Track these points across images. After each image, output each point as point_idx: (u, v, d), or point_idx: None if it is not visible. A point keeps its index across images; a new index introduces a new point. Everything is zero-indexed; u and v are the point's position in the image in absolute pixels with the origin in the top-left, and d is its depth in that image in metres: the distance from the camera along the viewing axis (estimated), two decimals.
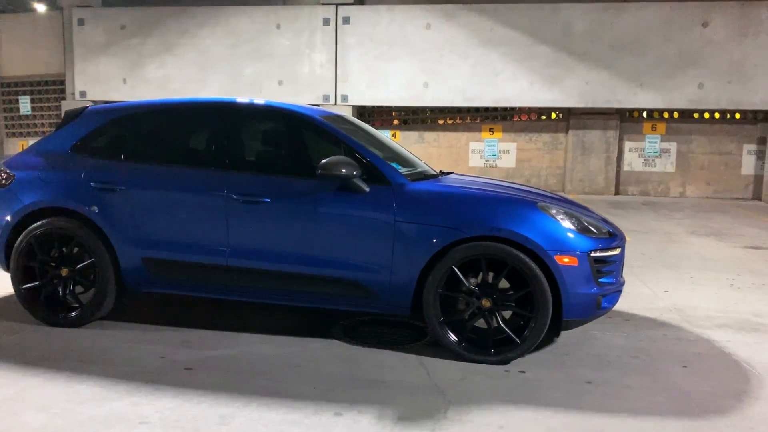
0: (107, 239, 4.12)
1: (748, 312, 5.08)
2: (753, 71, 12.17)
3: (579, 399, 3.27)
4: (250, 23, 13.48)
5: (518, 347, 3.70)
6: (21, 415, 2.91)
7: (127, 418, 2.90)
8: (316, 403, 3.11)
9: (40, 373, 3.41)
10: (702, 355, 4.04)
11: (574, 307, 3.67)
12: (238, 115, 4.26)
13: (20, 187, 4.27)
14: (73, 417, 2.90)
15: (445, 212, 3.76)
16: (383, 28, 13.09)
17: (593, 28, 12.54)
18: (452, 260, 3.71)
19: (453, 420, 2.97)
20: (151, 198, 4.10)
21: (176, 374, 3.46)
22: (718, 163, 13.46)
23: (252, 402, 3.11)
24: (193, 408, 3.03)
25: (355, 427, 2.87)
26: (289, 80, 13.50)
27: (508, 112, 13.86)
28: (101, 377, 3.37)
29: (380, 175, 3.89)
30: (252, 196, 3.94)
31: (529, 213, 3.74)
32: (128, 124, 4.33)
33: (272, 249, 3.95)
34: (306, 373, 3.54)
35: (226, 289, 4.07)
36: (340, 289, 3.91)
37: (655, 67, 12.43)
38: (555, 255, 3.61)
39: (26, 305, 4.26)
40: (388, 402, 3.15)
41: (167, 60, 13.87)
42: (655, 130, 13.59)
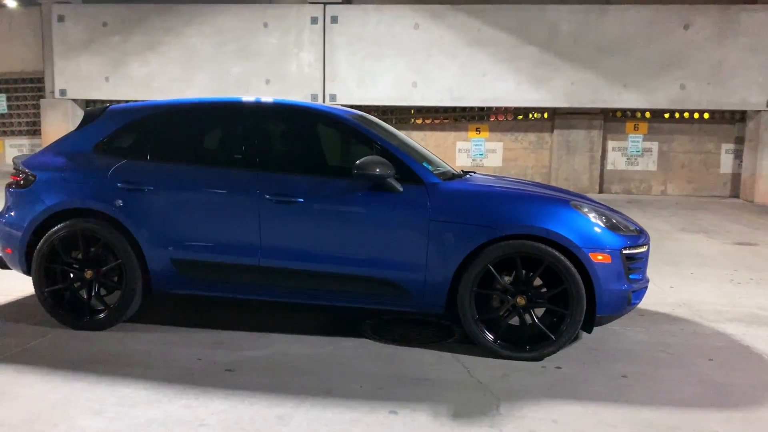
0: (134, 240, 4.06)
1: (753, 306, 5.25)
2: (732, 73, 12.53)
3: (620, 393, 3.36)
4: (237, 21, 13.36)
5: (553, 343, 3.77)
6: (76, 419, 2.86)
7: (185, 420, 2.88)
8: (368, 402, 3.13)
9: (81, 376, 3.35)
10: (722, 348, 4.17)
11: (607, 303, 3.76)
12: (269, 115, 4.24)
13: (42, 187, 4.18)
14: (129, 420, 2.86)
15: (479, 211, 3.81)
16: (372, 27, 13.10)
17: (579, 29, 12.76)
18: (487, 258, 3.76)
19: (507, 416, 3.02)
20: (181, 198, 4.06)
21: (219, 376, 3.44)
22: (698, 162, 13.83)
23: (304, 402, 3.11)
24: (246, 409, 3.02)
25: (414, 425, 2.90)
26: (277, 79, 13.42)
27: (485, 112, 13.99)
28: (145, 380, 3.33)
29: (413, 174, 3.92)
30: (285, 196, 3.93)
31: (563, 211, 3.81)
32: (154, 123, 4.27)
33: (306, 249, 3.95)
34: (348, 371, 3.55)
35: (259, 289, 4.06)
36: (375, 288, 3.93)
37: (639, 68, 12.70)
38: (589, 252, 3.69)
39: (49, 309, 4.18)
40: (438, 399, 3.19)
41: (151, 58, 13.66)
42: (638, 130, 13.89)
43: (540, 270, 3.76)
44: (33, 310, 4.58)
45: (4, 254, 4.38)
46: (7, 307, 4.68)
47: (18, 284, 5.20)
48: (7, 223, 4.30)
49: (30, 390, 3.17)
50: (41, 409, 2.95)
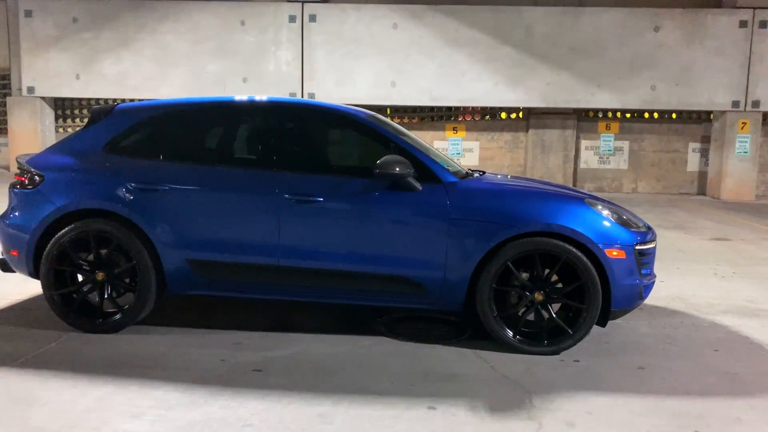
0: (148, 241, 4.01)
1: (741, 299, 5.48)
2: (700, 74, 12.97)
3: (641, 384, 3.48)
4: (214, 19, 13.18)
5: (570, 338, 3.88)
6: (116, 423, 2.82)
7: (228, 421, 2.87)
8: (404, 399, 3.17)
9: (108, 380, 3.30)
10: (724, 339, 4.35)
11: (621, 297, 3.88)
12: (286, 114, 4.23)
13: (51, 188, 4.08)
14: (171, 423, 2.84)
15: (498, 209, 3.88)
16: (350, 26, 13.10)
17: (554, 31, 13.01)
18: (507, 256, 3.84)
19: (541, 408, 3.10)
20: (197, 198, 4.02)
21: (248, 376, 3.43)
22: (667, 161, 14.27)
23: (342, 400, 3.13)
24: (285, 409, 3.02)
25: (454, 420, 2.95)
26: (254, 78, 13.29)
27: (453, 112, 14.13)
28: (174, 382, 3.30)
29: (431, 173, 3.98)
30: (305, 196, 3.94)
31: (579, 209, 3.92)
32: (167, 122, 4.21)
33: (326, 248, 3.96)
34: (374, 369, 3.58)
35: (278, 288, 4.05)
36: (394, 286, 3.97)
37: (612, 69, 13.04)
38: (605, 249, 3.81)
39: (60, 312, 4.08)
40: (471, 394, 3.25)
41: (124, 55, 13.36)
42: (610, 130, 14.25)
43: (558, 266, 3.85)
44: (36, 313, 4.47)
45: (8, 257, 4.26)
46: (7, 311, 4.54)
47: (13, 287, 5.07)
48: (12, 225, 4.18)
49: (58, 395, 3.11)
50: (77, 414, 2.90)
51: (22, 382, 3.25)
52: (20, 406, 2.96)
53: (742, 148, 13.19)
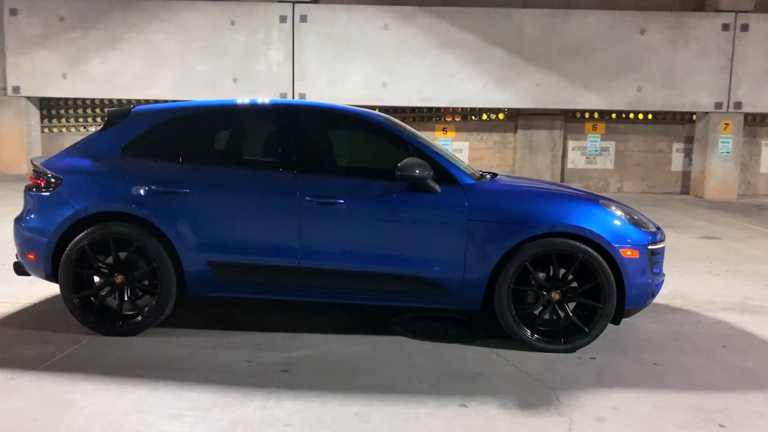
0: (169, 243, 4.02)
1: (739, 296, 5.65)
2: (684, 76, 13.25)
3: (659, 379, 3.59)
4: (203, 19, 13.11)
5: (586, 336, 3.98)
6: (159, 425, 2.85)
7: (267, 421, 2.91)
8: (435, 397, 3.24)
9: (139, 382, 3.32)
10: (729, 335, 4.50)
11: (635, 296, 4.00)
12: (306, 117, 4.27)
13: (70, 191, 4.07)
14: (212, 424, 2.87)
15: (516, 210, 3.97)
16: (341, 27, 13.13)
17: (543, 33, 13.18)
18: (525, 256, 3.93)
19: (569, 405, 3.19)
20: (218, 201, 4.04)
21: (276, 377, 3.47)
22: (651, 161, 14.55)
23: (374, 399, 3.19)
24: (321, 408, 3.08)
25: (488, 417, 3.03)
26: (245, 78, 13.25)
27: (434, 113, 14.25)
28: (205, 384, 3.33)
29: (449, 175, 4.06)
30: (326, 198, 3.99)
31: (594, 210, 4.03)
32: (186, 125, 4.23)
33: (347, 249, 4.01)
34: (400, 368, 3.65)
35: (298, 290, 4.09)
36: (414, 286, 4.04)
37: (599, 70, 13.25)
38: (620, 248, 3.92)
39: (79, 315, 4.08)
40: (498, 392, 3.33)
41: (112, 55, 13.22)
42: (596, 130, 14.48)
43: (575, 266, 3.95)
44: (51, 316, 4.45)
45: (24, 260, 4.24)
46: (21, 314, 4.51)
47: (20, 289, 5.04)
48: (28, 228, 4.16)
49: (93, 398, 3.12)
50: (117, 417, 2.91)
51: (54, 386, 3.25)
52: (58, 410, 2.97)
53: (725, 148, 13.50)
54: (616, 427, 2.96)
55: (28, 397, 3.11)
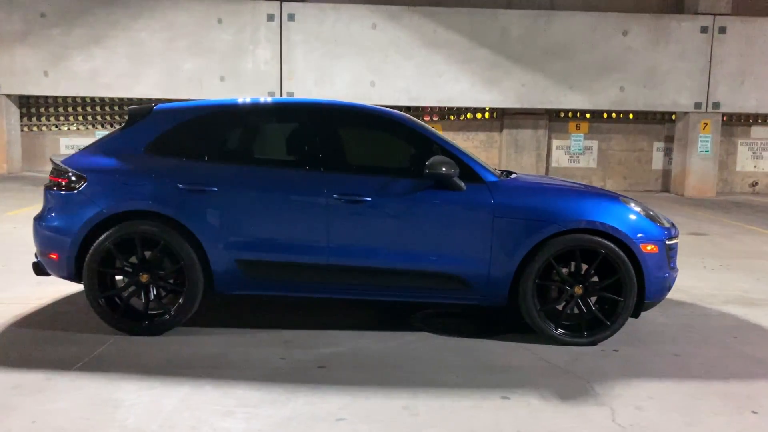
0: (196, 242, 4.01)
1: (736, 289, 5.85)
2: (664, 77, 13.58)
3: (683, 369, 3.73)
4: (189, 17, 12.98)
5: (608, 329, 4.10)
6: (214, 422, 2.86)
7: (319, 416, 2.95)
8: (475, 390, 3.32)
9: (181, 381, 3.31)
10: (737, 327, 4.66)
11: (654, 290, 4.13)
12: (332, 116, 4.29)
13: (95, 190, 4.03)
14: (266, 420, 2.89)
15: (541, 207, 4.07)
16: (329, 26, 13.14)
17: (528, 33, 13.38)
18: (550, 252, 4.03)
19: (605, 395, 3.30)
20: (246, 199, 4.05)
21: (315, 373, 3.50)
22: (633, 159, 14.89)
23: (417, 393, 3.25)
24: (367, 402, 3.12)
25: (532, 408, 3.11)
26: (232, 76, 13.16)
27: (412, 112, 14.36)
28: (246, 381, 3.34)
29: (474, 173, 4.13)
30: (353, 196, 4.02)
31: (615, 206, 4.14)
32: (211, 123, 4.22)
33: (374, 246, 4.06)
34: (433, 363, 3.71)
35: (326, 287, 4.12)
36: (440, 283, 4.11)
37: (583, 71, 13.50)
38: (640, 244, 4.04)
39: (105, 315, 4.04)
40: (534, 384, 3.42)
41: (96, 52, 13.00)
42: (579, 130, 14.76)
43: (597, 261, 4.06)
44: (69, 317, 4.40)
45: (45, 260, 4.18)
46: (37, 314, 4.45)
47: (30, 290, 4.99)
48: (50, 228, 4.11)
49: (138, 396, 3.11)
50: (168, 414, 2.92)
51: (94, 385, 3.23)
52: (106, 409, 2.96)
53: (704, 147, 13.88)
54: (655, 415, 3.07)
55: (71, 397, 3.08)
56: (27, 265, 5.76)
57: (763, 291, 5.80)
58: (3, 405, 2.96)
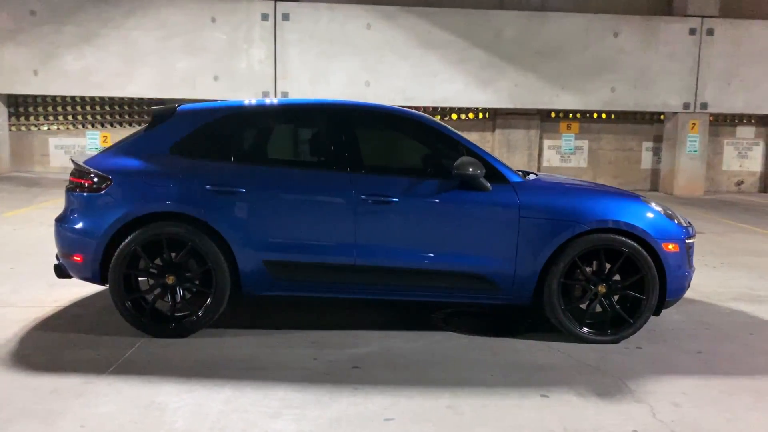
0: (224, 243, 4.00)
1: (741, 287, 5.97)
2: (654, 78, 13.78)
3: (710, 366, 3.81)
4: (183, 15, 12.85)
5: (631, 327, 4.17)
6: (264, 423, 2.86)
7: (366, 416, 2.97)
8: (512, 388, 3.36)
9: (220, 383, 3.31)
10: (751, 324, 4.77)
11: (675, 288, 4.21)
12: (360, 117, 4.31)
13: (121, 191, 4.00)
14: (315, 421, 2.91)
15: (566, 208, 4.12)
16: (324, 25, 13.11)
17: (521, 34, 13.48)
18: (575, 251, 4.09)
19: (640, 391, 3.36)
20: (275, 200, 4.04)
21: (351, 373, 3.52)
22: (622, 159, 15.08)
23: (458, 392, 3.28)
24: (411, 402, 3.15)
25: (573, 406, 3.17)
26: (226, 76, 13.07)
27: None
28: (286, 382, 3.35)
29: (499, 173, 4.17)
30: (381, 196, 4.04)
31: (638, 206, 4.22)
32: (237, 125, 4.21)
33: (401, 246, 4.08)
34: (465, 362, 3.75)
35: (353, 287, 4.14)
36: (467, 282, 4.15)
37: (575, 71, 13.64)
38: (662, 243, 4.12)
39: (131, 318, 4.01)
40: (569, 382, 3.47)
41: (87, 51, 12.81)
42: (570, 130, 14.90)
43: (621, 260, 4.12)
44: (89, 319, 4.37)
45: (67, 262, 4.14)
46: (55, 318, 4.39)
47: (43, 294, 4.93)
48: (74, 230, 4.06)
49: (181, 399, 3.10)
50: (217, 417, 2.91)
51: (134, 388, 3.21)
52: (153, 412, 2.94)
53: (692, 147, 14.11)
54: (693, 411, 3.13)
55: (113, 400, 3.06)
56: (35, 267, 5.74)
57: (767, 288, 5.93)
58: (48, 410, 2.93)
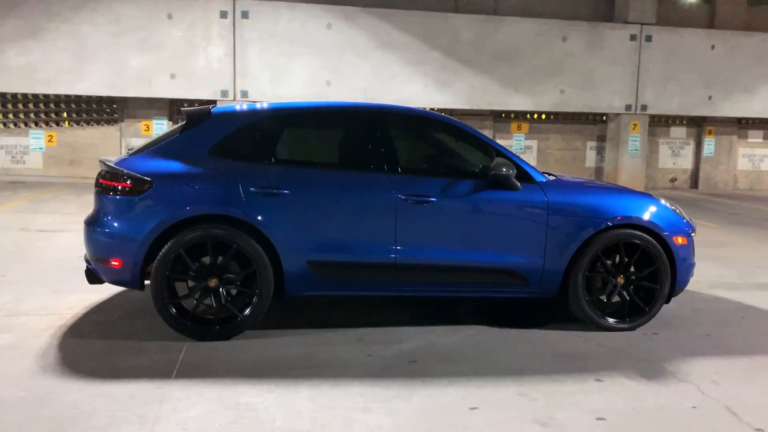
0: (268, 244, 4.03)
1: (713, 276, 6.49)
2: (600, 81, 14.56)
3: (725, 347, 4.19)
4: (137, 11, 12.44)
5: (647, 314, 4.51)
6: (359, 418, 2.96)
7: (450, 406, 3.13)
8: (566, 375, 3.60)
9: (293, 382, 3.37)
10: (738, 309, 5.24)
11: (683, 278, 4.59)
12: (398, 120, 4.45)
13: (163, 194, 3.95)
14: (404, 413, 3.03)
15: (590, 205, 4.41)
16: (284, 24, 13.03)
17: (477, 37, 13.91)
18: (598, 246, 4.38)
19: (680, 372, 3.68)
20: (318, 201, 4.11)
21: (412, 367, 3.66)
22: (569, 158, 15.83)
23: (519, 380, 3.49)
24: (482, 391, 3.33)
25: (626, 387, 3.44)
26: (183, 74, 12.75)
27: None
28: (355, 378, 3.45)
29: (527, 174, 4.42)
30: (419, 196, 4.19)
31: (652, 203, 4.56)
32: (278, 127, 4.25)
33: (440, 244, 4.25)
34: (510, 353, 3.97)
35: (393, 285, 4.27)
36: (500, 278, 4.36)
37: (527, 74, 14.21)
38: (673, 237, 4.49)
39: (175, 322, 3.98)
40: (614, 367, 3.75)
41: (32, 46, 12.18)
42: (521, 130, 15.51)
43: (638, 254, 4.45)
44: (116, 325, 4.31)
45: (102, 267, 4.04)
46: (80, 326, 4.26)
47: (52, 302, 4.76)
48: (112, 234, 3.98)
49: (263, 399, 3.14)
50: (311, 414, 2.98)
51: (212, 391, 3.21)
52: (246, 412, 2.98)
53: (634, 146, 15.02)
54: (733, 388, 3.47)
55: (199, 403, 3.06)
56: (28, 274, 5.53)
57: (736, 276, 6.48)
58: (139, 415, 2.90)
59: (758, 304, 5.35)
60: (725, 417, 3.10)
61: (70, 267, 5.81)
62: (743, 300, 5.49)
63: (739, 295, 5.64)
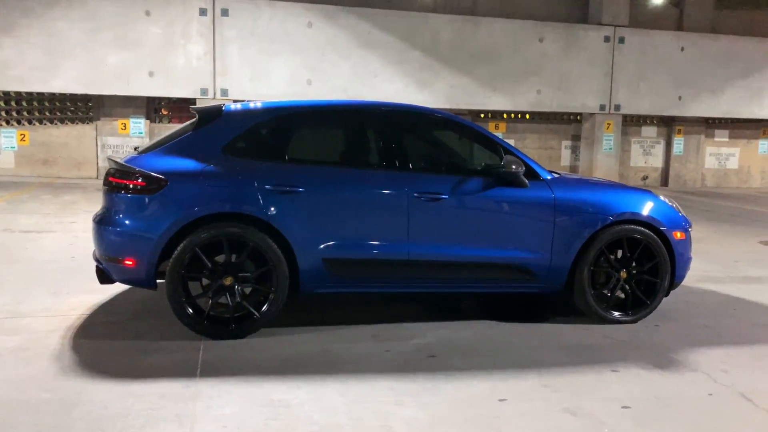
0: (284, 242, 4.04)
1: (698, 270, 6.56)
2: (575, 81, 14.86)
3: (725, 337, 4.37)
4: (114, 7, 12.20)
5: (648, 307, 4.66)
6: (394, 411, 3.00)
7: (479, 399, 3.20)
8: (581, 366, 3.71)
9: (321, 378, 3.40)
10: (728, 301, 5.44)
11: (682, 272, 4.76)
12: (411, 119, 4.51)
13: (179, 192, 3.92)
14: (437, 406, 3.08)
15: (595, 202, 4.54)
16: (264, 23, 12.95)
17: (457, 37, 14.05)
18: (603, 241, 4.51)
19: (689, 362, 3.82)
20: (333, 199, 4.14)
21: (432, 362, 3.72)
22: (545, 157, 16.09)
23: (541, 373, 3.58)
24: (506, 383, 3.41)
25: (642, 377, 3.57)
26: (162, 72, 12.56)
27: None
28: (379, 373, 3.50)
29: (534, 171, 4.52)
30: (432, 194, 4.25)
31: (652, 199, 4.71)
32: (292, 125, 4.25)
33: (451, 240, 4.32)
34: (524, 347, 4.06)
35: (406, 281, 4.32)
36: (510, 273, 4.46)
37: (505, 74, 14.42)
38: (673, 232, 4.65)
39: (191, 321, 3.95)
40: (625, 357, 3.88)
41: (5, 42, 11.85)
42: (498, 129, 15.70)
43: (640, 248, 4.60)
44: (125, 326, 4.25)
45: (114, 266, 3.99)
46: (90, 326, 4.21)
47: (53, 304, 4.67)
48: (125, 233, 3.94)
49: (297, 396, 3.15)
50: (348, 409, 3.01)
51: (242, 389, 3.21)
52: (281, 409, 2.99)
53: (608, 145, 15.37)
54: (742, 376, 3.62)
55: (233, 401, 3.07)
56: (22, 276, 5.44)
57: (719, 270, 6.71)
58: (174, 414, 2.90)
59: (745, 296, 5.57)
60: (741, 403, 3.24)
61: (63, 268, 5.72)
62: (731, 293, 5.70)
63: (725, 288, 5.86)
